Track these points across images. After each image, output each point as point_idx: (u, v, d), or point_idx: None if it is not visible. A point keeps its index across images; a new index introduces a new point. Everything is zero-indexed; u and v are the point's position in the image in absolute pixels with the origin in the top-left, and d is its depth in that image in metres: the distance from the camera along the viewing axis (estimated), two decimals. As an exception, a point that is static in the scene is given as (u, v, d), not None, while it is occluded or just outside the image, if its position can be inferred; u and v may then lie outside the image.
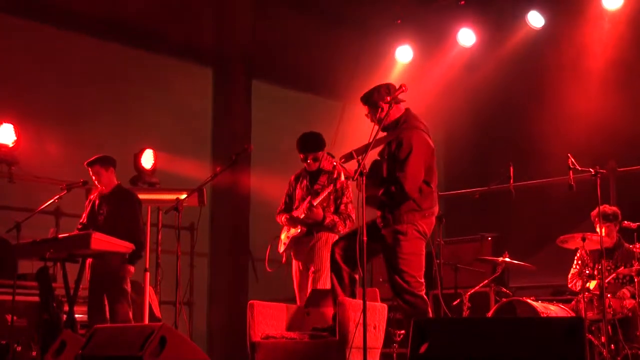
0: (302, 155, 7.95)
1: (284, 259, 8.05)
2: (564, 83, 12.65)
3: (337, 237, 7.63)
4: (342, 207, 7.88)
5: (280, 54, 14.01)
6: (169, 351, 5.69)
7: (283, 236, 8.00)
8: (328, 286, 7.30)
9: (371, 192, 6.41)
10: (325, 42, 14.06)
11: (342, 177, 6.64)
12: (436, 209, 6.65)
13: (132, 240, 8.37)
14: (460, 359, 4.99)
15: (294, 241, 7.90)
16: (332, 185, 7.64)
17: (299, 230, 7.83)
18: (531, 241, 11.99)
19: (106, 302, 8.62)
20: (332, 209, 7.87)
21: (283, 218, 8.01)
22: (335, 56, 14.04)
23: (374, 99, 6.67)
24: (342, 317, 6.21)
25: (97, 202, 8.92)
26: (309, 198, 7.76)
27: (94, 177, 8.89)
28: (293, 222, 7.86)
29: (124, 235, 8.37)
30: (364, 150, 6.17)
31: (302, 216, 7.76)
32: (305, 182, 7.99)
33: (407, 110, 6.74)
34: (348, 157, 6.52)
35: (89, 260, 8.68)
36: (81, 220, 8.97)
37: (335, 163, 6.70)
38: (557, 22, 12.41)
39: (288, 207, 8.05)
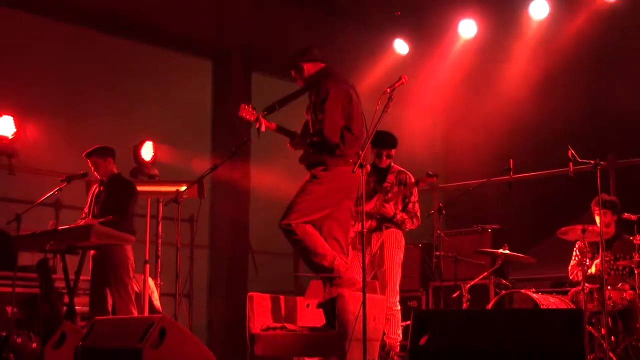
0: (377, 150, 8.18)
1: None
2: (564, 74, 12.65)
3: (403, 235, 8.07)
4: (410, 205, 8.21)
5: (280, 46, 13.97)
6: (169, 343, 5.69)
7: None
8: (396, 285, 7.77)
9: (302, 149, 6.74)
10: (324, 33, 14.03)
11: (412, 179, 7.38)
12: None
13: (117, 210, 8.41)
14: (460, 351, 4.99)
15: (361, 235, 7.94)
16: (402, 186, 8.11)
17: (368, 225, 7.91)
18: (531, 233, 12.00)
19: (108, 295, 8.61)
20: (400, 207, 8.15)
21: None
22: (335, 48, 14.01)
23: (294, 61, 6.88)
24: (342, 309, 6.21)
25: (96, 192, 8.93)
26: (379, 195, 7.95)
27: (92, 168, 8.90)
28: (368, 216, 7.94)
29: (113, 211, 8.40)
30: (284, 101, 6.71)
31: (373, 211, 7.95)
32: (372, 178, 8.14)
33: (326, 66, 6.91)
34: (270, 108, 6.87)
35: (91, 252, 8.67)
36: (83, 213, 8.97)
37: (260, 115, 6.94)
38: (560, 13, 12.39)
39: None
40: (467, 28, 12.98)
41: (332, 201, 6.58)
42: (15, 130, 9.86)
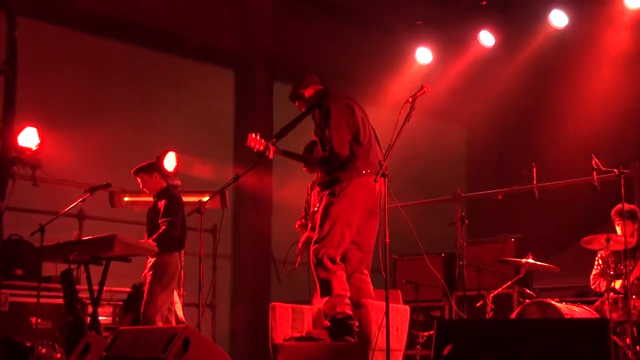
0: None
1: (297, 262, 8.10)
2: (587, 84, 12.60)
3: None
4: None
5: (302, 55, 14.01)
6: (192, 353, 5.70)
7: None
8: None
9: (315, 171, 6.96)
10: (346, 43, 14.05)
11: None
12: (375, 166, 6.64)
13: (166, 225, 8.50)
14: (484, 361, 4.97)
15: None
16: None
17: None
18: (554, 242, 11.94)
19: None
20: None
21: None
22: (357, 57, 14.03)
23: (296, 93, 7.07)
24: (365, 319, 6.21)
25: (150, 207, 9.06)
26: None
27: (140, 185, 9.04)
28: None
29: (160, 228, 8.51)
30: (290, 126, 6.86)
31: None
32: None
33: (323, 87, 7.05)
34: (279, 135, 6.99)
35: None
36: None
37: (270, 143, 7.00)
38: (580, 21, 12.34)
39: None
40: (488, 37, 12.95)
41: (355, 215, 6.62)
42: (38, 141, 9.89)
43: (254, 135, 6.95)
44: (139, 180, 9.00)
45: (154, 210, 8.87)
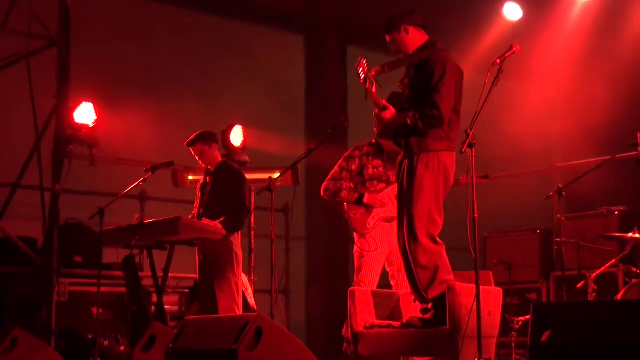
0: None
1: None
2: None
3: None
4: None
5: (378, 15, 13.91)
6: (266, 343, 5.73)
7: None
8: None
9: (391, 122, 6.69)
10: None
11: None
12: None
13: (235, 206, 8.50)
14: (587, 347, 4.91)
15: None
16: None
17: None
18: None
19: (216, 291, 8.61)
20: None
21: None
22: (440, 15, 13.89)
23: (398, 25, 6.85)
24: (453, 303, 6.18)
25: (202, 183, 8.97)
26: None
27: (197, 157, 8.86)
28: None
29: (228, 209, 8.47)
30: (396, 64, 6.72)
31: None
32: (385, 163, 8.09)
33: (430, 38, 6.89)
34: (380, 71, 6.70)
35: (198, 246, 8.73)
36: (194, 209, 8.97)
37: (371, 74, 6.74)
38: None
39: None
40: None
41: (443, 190, 6.58)
42: (95, 117, 10.00)
43: (364, 61, 6.77)
44: (195, 151, 8.79)
45: (214, 186, 8.78)
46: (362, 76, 6.62)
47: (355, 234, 7.84)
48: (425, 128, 6.48)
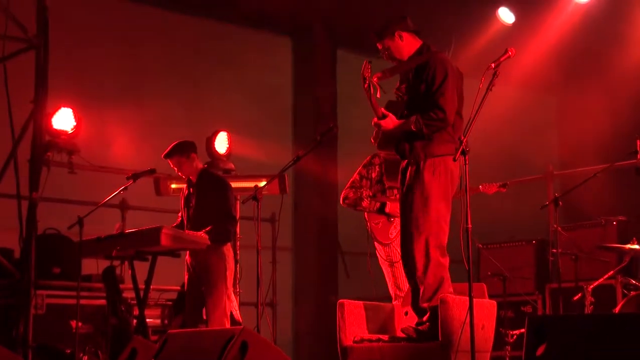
0: None
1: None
2: None
3: None
4: None
5: (369, 17, 13.93)
6: (251, 358, 5.73)
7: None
8: None
9: (392, 131, 6.71)
10: (419, 1, 13.95)
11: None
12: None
13: (221, 216, 8.51)
14: (584, 362, 4.93)
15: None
16: None
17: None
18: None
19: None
20: None
21: None
22: (432, 17, 13.91)
23: (389, 32, 6.88)
24: (446, 316, 6.18)
25: (186, 194, 8.94)
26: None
27: (175, 169, 8.88)
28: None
29: (214, 219, 8.47)
30: (396, 70, 6.79)
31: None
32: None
33: (424, 42, 6.96)
34: (381, 77, 6.76)
35: (187, 259, 8.72)
36: (178, 219, 9.00)
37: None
38: None
39: None
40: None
41: (448, 198, 6.61)
42: (75, 123, 9.98)
43: (369, 65, 6.80)
44: (173, 163, 8.77)
45: (198, 197, 8.79)
46: (367, 81, 6.68)
47: (376, 244, 7.91)
48: (430, 132, 6.54)
